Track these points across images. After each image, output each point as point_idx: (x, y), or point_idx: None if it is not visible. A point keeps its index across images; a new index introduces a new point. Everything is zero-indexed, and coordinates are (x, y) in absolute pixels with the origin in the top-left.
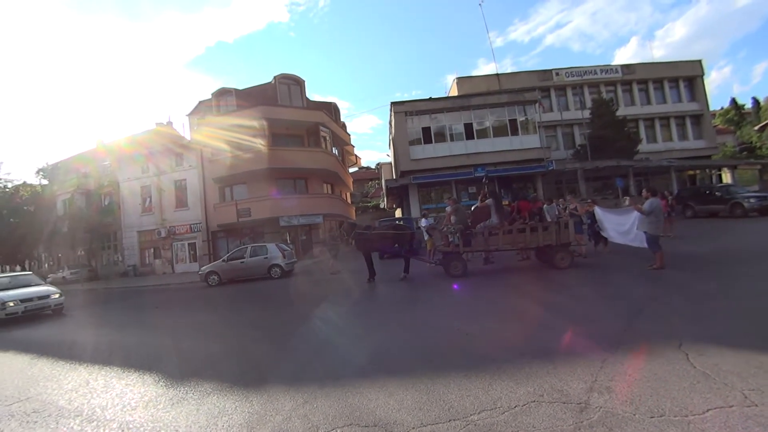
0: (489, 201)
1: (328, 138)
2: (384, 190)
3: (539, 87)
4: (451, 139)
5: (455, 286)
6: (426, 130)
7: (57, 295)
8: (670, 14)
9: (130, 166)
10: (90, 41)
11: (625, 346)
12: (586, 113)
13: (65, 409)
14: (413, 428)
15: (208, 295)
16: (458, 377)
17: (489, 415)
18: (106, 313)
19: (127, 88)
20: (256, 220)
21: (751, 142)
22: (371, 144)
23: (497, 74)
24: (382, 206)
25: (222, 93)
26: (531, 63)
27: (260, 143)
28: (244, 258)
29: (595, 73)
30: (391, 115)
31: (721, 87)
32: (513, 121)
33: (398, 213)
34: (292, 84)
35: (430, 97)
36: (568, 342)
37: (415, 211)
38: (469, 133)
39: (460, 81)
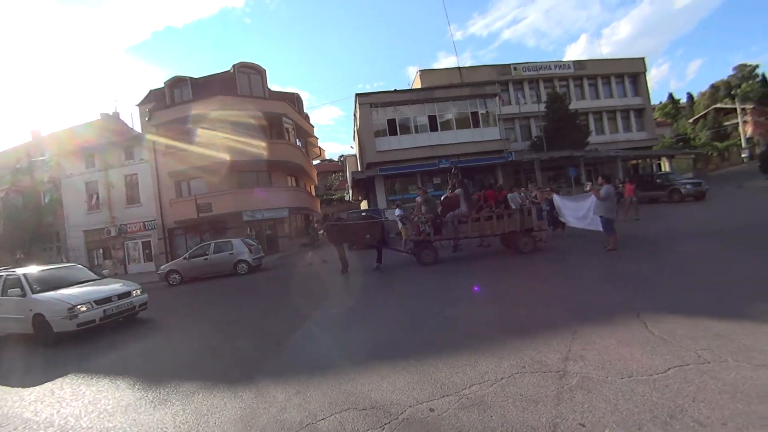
0: (458, 191)
1: (291, 129)
2: (349, 183)
3: (498, 81)
4: (416, 131)
5: (476, 288)
6: (391, 122)
7: (138, 291)
8: (617, 13)
9: (73, 160)
10: (21, 23)
11: (592, 319)
12: (542, 106)
13: (32, 421)
14: (410, 407)
15: (171, 295)
16: (446, 356)
17: (479, 388)
18: None
19: (64, 76)
20: (217, 215)
21: (686, 134)
22: (333, 136)
23: (459, 67)
24: (347, 198)
25: (176, 82)
26: (489, 57)
27: (220, 135)
28: (207, 255)
29: (550, 68)
30: (355, 107)
31: (660, 83)
32: (475, 114)
33: (364, 205)
34: (252, 73)
35: (395, 89)
36: (542, 318)
37: (381, 203)
38: (433, 125)
39: (423, 73)
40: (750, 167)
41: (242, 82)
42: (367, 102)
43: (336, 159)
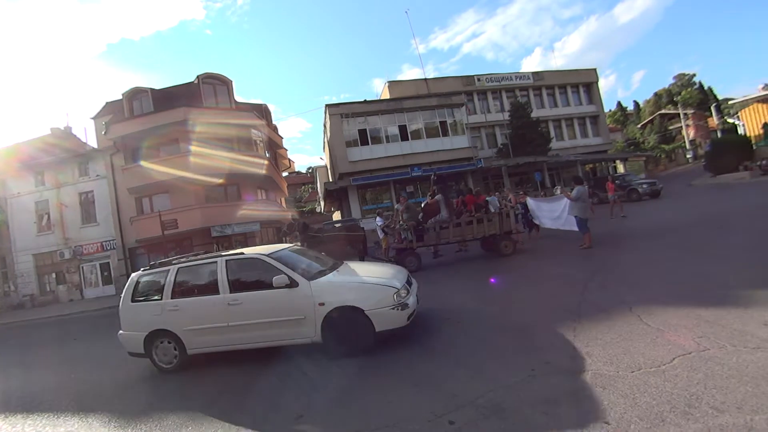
0: (438, 196)
1: (260, 141)
2: (320, 194)
3: (464, 91)
4: (387, 141)
5: (492, 280)
6: (362, 132)
7: None
8: (567, 28)
9: (20, 178)
10: None
11: (588, 316)
12: (506, 115)
13: None
14: (428, 421)
15: None
16: (449, 364)
17: (494, 395)
18: (8, 353)
19: (8, 89)
20: (183, 231)
21: (636, 138)
22: (300, 148)
23: (425, 79)
24: (318, 210)
25: (135, 93)
26: (451, 69)
27: (185, 148)
28: None
29: (511, 79)
30: (325, 118)
31: (609, 92)
32: (443, 123)
33: (337, 216)
34: (218, 84)
35: (365, 100)
36: (539, 318)
37: (356, 213)
38: (403, 134)
39: (392, 85)
40: (695, 167)
41: (207, 93)
42: (337, 113)
43: (304, 171)
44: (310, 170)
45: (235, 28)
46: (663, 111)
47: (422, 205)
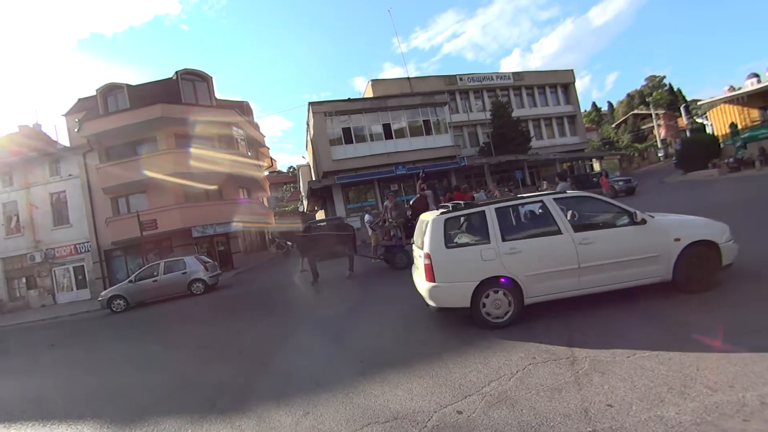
0: (427, 192)
1: (241, 139)
2: (303, 193)
3: (446, 90)
4: (371, 139)
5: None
6: (346, 131)
7: None
8: (545, 30)
9: None
10: None
11: (576, 305)
12: (487, 114)
13: None
14: (434, 412)
15: (118, 323)
16: (453, 356)
17: (498, 384)
18: None
19: None
20: (163, 232)
21: (610, 138)
22: (281, 147)
23: (408, 78)
24: (300, 209)
25: (110, 89)
26: (432, 69)
27: (163, 145)
28: (156, 276)
29: (492, 79)
30: (308, 116)
31: (583, 93)
32: (427, 122)
33: (321, 215)
34: (197, 81)
35: (349, 98)
36: (531, 308)
37: (340, 211)
38: (387, 133)
39: (375, 83)
40: (666, 165)
41: (187, 89)
42: (321, 110)
43: (285, 170)
44: (291, 169)
45: (212, 23)
46: (636, 111)
47: (410, 202)
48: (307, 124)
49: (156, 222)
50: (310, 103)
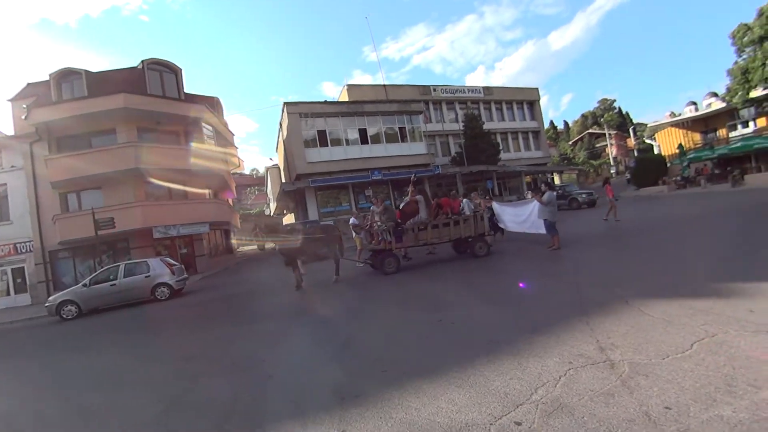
0: (419, 197)
1: (210, 136)
2: (271, 196)
3: (420, 100)
4: (347, 143)
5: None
6: (321, 133)
7: None
8: (508, 50)
9: None
10: None
11: (592, 311)
12: (459, 125)
13: None
14: (491, 424)
15: (73, 331)
16: (484, 362)
17: (545, 391)
18: None
19: None
20: (120, 232)
21: (567, 154)
22: (244, 149)
23: (384, 85)
24: (267, 213)
25: (66, 74)
26: (401, 79)
27: (124, 138)
28: (115, 279)
29: (464, 92)
30: (282, 116)
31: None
32: (402, 129)
33: (290, 218)
34: (165, 71)
35: (326, 101)
36: (547, 314)
37: (313, 215)
38: (363, 138)
39: (350, 88)
40: (617, 180)
41: (153, 80)
42: (296, 111)
43: (248, 173)
44: (254, 171)
45: (177, 15)
46: (591, 130)
47: (401, 207)
48: (280, 125)
49: (113, 221)
50: (285, 103)
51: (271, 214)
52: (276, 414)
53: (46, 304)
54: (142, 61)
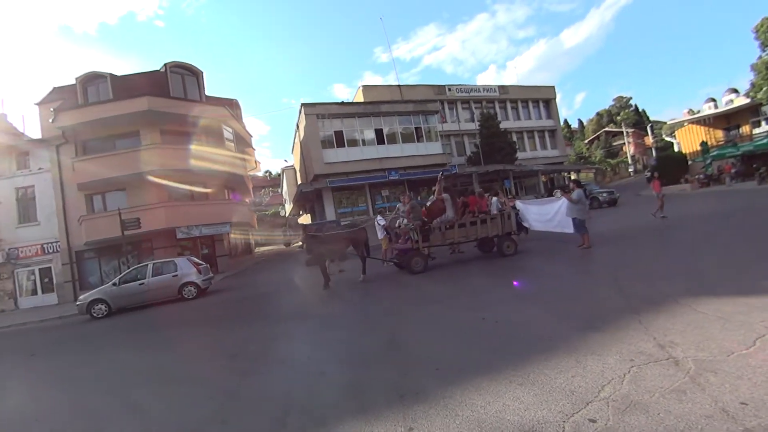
0: (445, 196)
1: (231, 138)
2: (287, 197)
3: (435, 99)
4: (363, 144)
5: (515, 283)
6: (338, 134)
7: None
8: (520, 48)
9: None
10: None
11: (642, 308)
12: (475, 125)
13: None
14: (564, 422)
15: (105, 329)
16: (541, 360)
17: (613, 388)
18: None
19: None
20: (144, 232)
21: (583, 153)
22: (256, 151)
23: (399, 85)
24: (282, 214)
25: (91, 78)
26: (412, 80)
27: (149, 140)
28: (143, 278)
29: (479, 91)
30: (299, 117)
31: None
32: (418, 129)
33: (307, 219)
34: (187, 75)
35: (342, 102)
36: (595, 312)
37: (330, 215)
38: (379, 138)
39: (366, 89)
40: (636, 179)
41: (175, 83)
42: (313, 113)
43: (261, 174)
44: (267, 173)
45: (191, 21)
46: (607, 129)
47: (427, 204)
48: (297, 126)
49: (139, 221)
50: (302, 104)
51: (287, 214)
52: (336, 409)
53: (77, 303)
54: (165, 65)
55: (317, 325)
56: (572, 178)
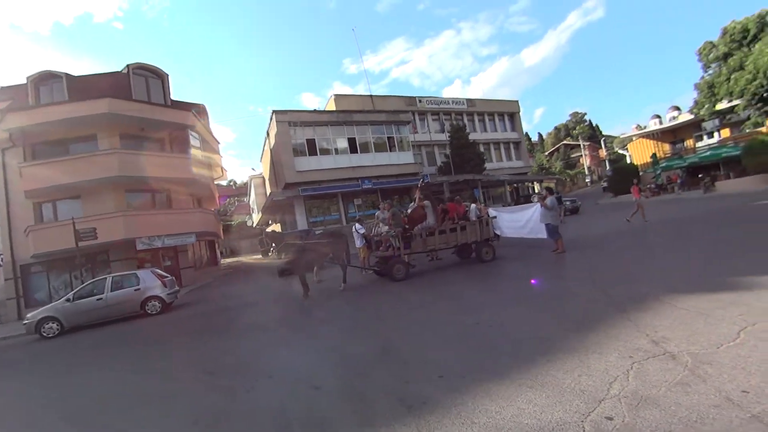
0: (426, 203)
1: (197, 145)
2: (254, 206)
3: (407, 110)
4: (336, 153)
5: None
6: (311, 142)
7: None
8: (484, 65)
9: None
10: None
11: (629, 307)
12: (444, 136)
13: None
14: (581, 422)
15: (59, 349)
16: (545, 362)
17: (620, 385)
18: None
19: None
20: (100, 244)
21: (543, 164)
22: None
23: (371, 95)
24: (249, 224)
25: (45, 78)
26: (380, 91)
27: (107, 145)
28: (102, 294)
29: (448, 103)
30: (270, 124)
31: None
32: (390, 138)
33: (277, 228)
34: (151, 77)
35: (315, 109)
36: (585, 312)
37: (302, 224)
38: (352, 147)
39: (338, 98)
40: (593, 189)
41: (138, 86)
42: (284, 120)
43: (225, 183)
44: (232, 182)
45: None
46: (566, 142)
47: (408, 211)
48: (267, 133)
49: (95, 231)
50: (273, 111)
51: (254, 224)
52: (343, 423)
53: (24, 322)
54: (128, 66)
55: (302, 335)
56: (546, 186)
